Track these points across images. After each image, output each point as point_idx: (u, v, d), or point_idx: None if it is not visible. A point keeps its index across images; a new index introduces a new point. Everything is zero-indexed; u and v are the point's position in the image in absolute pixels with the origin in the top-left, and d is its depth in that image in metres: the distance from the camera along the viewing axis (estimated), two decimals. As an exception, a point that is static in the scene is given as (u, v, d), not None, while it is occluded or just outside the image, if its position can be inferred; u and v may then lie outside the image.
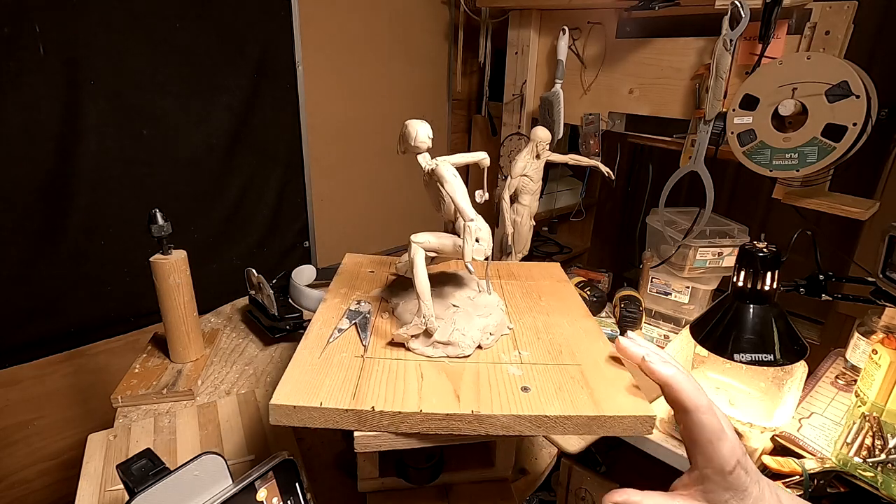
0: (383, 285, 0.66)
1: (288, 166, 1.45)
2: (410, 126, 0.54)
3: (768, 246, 0.81)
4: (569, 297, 0.67)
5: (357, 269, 0.71)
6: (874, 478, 0.76)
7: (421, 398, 0.44)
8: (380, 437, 0.43)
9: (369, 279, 0.68)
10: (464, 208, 0.50)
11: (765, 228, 1.74)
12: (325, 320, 0.56)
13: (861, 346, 1.07)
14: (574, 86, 1.35)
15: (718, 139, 1.08)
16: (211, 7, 1.17)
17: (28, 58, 0.97)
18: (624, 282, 1.40)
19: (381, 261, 0.75)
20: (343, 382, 0.45)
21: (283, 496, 0.43)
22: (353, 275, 0.69)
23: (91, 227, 1.12)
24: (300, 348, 0.50)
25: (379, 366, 0.49)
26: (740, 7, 0.95)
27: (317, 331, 0.54)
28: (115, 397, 0.72)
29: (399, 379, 0.47)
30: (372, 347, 0.51)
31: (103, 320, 1.20)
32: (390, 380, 0.46)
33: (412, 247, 0.52)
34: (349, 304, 0.59)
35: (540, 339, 0.55)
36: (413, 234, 0.53)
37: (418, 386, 0.46)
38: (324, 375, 0.46)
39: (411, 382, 0.46)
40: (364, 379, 0.46)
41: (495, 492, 0.53)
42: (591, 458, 1.33)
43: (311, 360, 0.48)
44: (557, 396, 0.45)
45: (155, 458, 0.42)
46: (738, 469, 0.38)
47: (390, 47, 1.62)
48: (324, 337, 0.53)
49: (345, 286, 0.65)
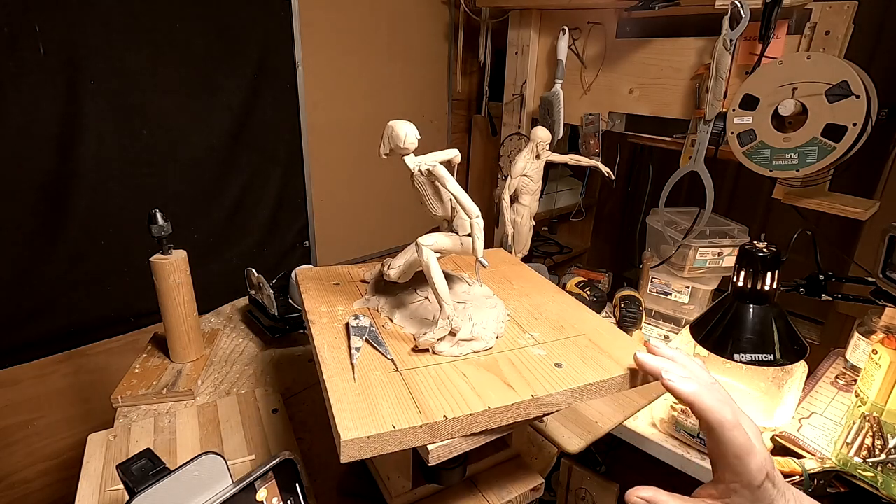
0: (361, 295, 0.62)
1: (288, 166, 1.45)
2: (398, 127, 0.52)
3: (768, 246, 0.81)
4: (533, 277, 0.69)
5: (319, 283, 0.65)
6: (874, 478, 0.76)
7: (480, 396, 0.44)
8: (451, 444, 0.43)
9: (341, 292, 0.64)
10: (469, 205, 0.50)
11: (765, 228, 1.74)
12: (330, 342, 0.52)
13: (861, 346, 1.07)
14: (574, 86, 1.35)
15: (718, 139, 1.08)
16: (211, 7, 1.17)
17: (28, 58, 0.97)
18: (624, 282, 1.40)
19: (336, 272, 0.69)
20: (398, 400, 0.44)
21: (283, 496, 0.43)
22: (321, 290, 0.64)
23: (91, 227, 1.12)
24: (329, 377, 0.46)
25: (419, 375, 0.47)
26: (740, 7, 0.95)
27: (330, 355, 0.50)
28: (115, 397, 0.72)
29: (448, 383, 0.46)
30: (397, 359, 0.50)
31: (103, 320, 1.20)
32: (440, 386, 0.46)
33: (423, 251, 0.51)
34: (344, 320, 0.56)
35: (538, 320, 0.58)
36: (420, 238, 0.52)
37: (469, 385, 0.46)
38: (374, 399, 0.44)
39: (460, 383, 0.46)
40: (416, 392, 0.45)
41: (515, 469, 0.56)
42: (591, 458, 1.33)
43: (349, 388, 0.45)
44: (587, 365, 0.49)
45: (155, 458, 0.42)
46: (766, 483, 0.37)
47: (390, 47, 1.62)
48: (343, 360, 0.49)
49: (321, 303, 0.60)
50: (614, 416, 0.77)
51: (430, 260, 0.50)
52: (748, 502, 0.37)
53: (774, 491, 0.38)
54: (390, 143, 0.53)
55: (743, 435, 0.37)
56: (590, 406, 0.78)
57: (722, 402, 0.38)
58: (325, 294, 0.63)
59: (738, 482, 0.37)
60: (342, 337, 0.53)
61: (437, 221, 0.57)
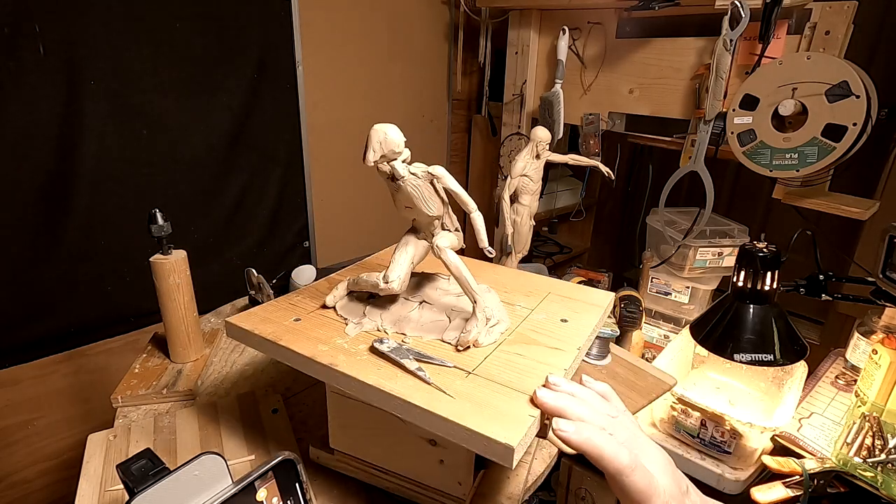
0: (337, 321, 0.57)
1: (288, 166, 1.45)
2: (392, 132, 0.50)
3: (768, 246, 0.81)
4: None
5: (279, 326, 0.56)
6: (874, 478, 0.76)
7: (548, 363, 0.49)
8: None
9: (315, 326, 0.56)
10: (469, 200, 0.54)
11: (765, 228, 1.74)
12: (382, 375, 0.47)
13: (861, 346, 1.07)
14: (574, 86, 1.35)
15: (718, 139, 1.08)
16: (211, 7, 1.17)
17: (28, 58, 0.97)
18: (624, 282, 1.40)
19: (282, 307, 0.60)
20: (504, 395, 0.44)
21: (283, 496, 0.43)
22: (292, 332, 0.54)
23: (91, 227, 1.12)
24: (432, 407, 0.43)
25: (497, 369, 0.49)
26: (740, 7, 0.95)
27: (400, 385, 0.46)
28: (115, 397, 0.72)
29: (516, 363, 0.50)
30: (458, 364, 0.49)
31: (103, 320, 1.20)
32: (514, 368, 0.49)
33: (447, 253, 0.53)
34: (371, 345, 0.51)
35: (508, 292, 0.64)
36: (438, 242, 0.53)
37: (532, 357, 0.50)
38: (495, 405, 0.43)
39: (523, 360, 0.50)
40: (504, 381, 0.46)
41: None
42: (591, 458, 1.33)
43: (459, 405, 0.43)
44: (579, 313, 0.60)
45: (155, 458, 0.42)
46: None
47: (390, 47, 1.62)
48: (413, 386, 0.46)
49: (314, 344, 0.52)
50: (614, 416, 0.77)
51: (457, 260, 0.53)
52: None
53: None
54: (383, 149, 0.50)
55: (643, 478, 0.37)
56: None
57: (617, 447, 0.37)
58: (304, 334, 0.54)
59: None
60: (383, 366, 0.49)
61: (423, 221, 0.55)
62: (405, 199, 0.53)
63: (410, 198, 0.53)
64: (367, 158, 0.51)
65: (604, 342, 0.90)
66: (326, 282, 0.68)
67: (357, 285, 0.59)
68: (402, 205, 0.54)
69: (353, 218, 1.68)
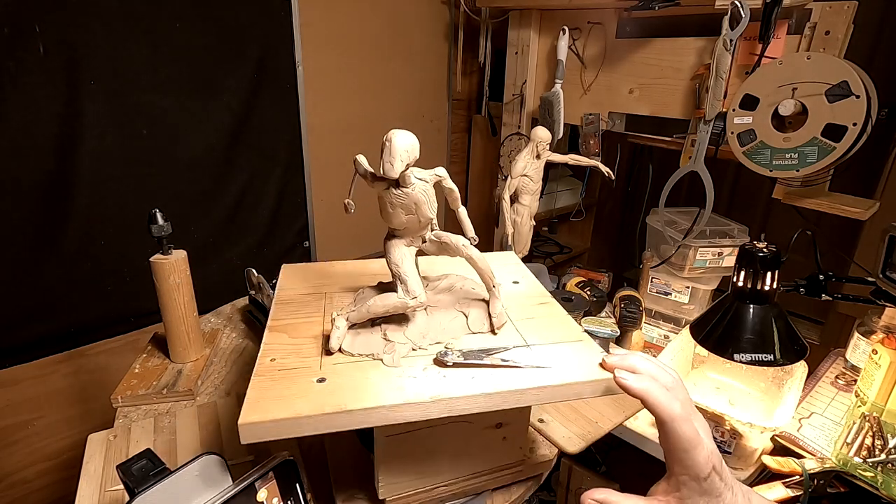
0: (378, 354, 0.50)
1: (288, 166, 1.44)
2: (414, 139, 0.47)
3: (768, 246, 0.81)
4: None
5: (315, 396, 0.44)
6: (874, 478, 0.76)
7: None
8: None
9: (350, 373, 0.47)
10: (459, 197, 0.56)
11: (765, 228, 1.74)
12: (477, 384, 0.46)
13: (861, 346, 1.07)
14: (574, 86, 1.35)
15: (718, 139, 1.08)
16: (211, 7, 1.17)
17: (28, 58, 0.97)
18: (624, 282, 1.40)
19: (274, 377, 0.47)
20: (578, 343, 0.53)
21: (283, 496, 0.43)
22: (340, 392, 0.45)
23: (91, 227, 1.12)
24: (548, 381, 0.46)
25: (538, 333, 0.55)
26: (740, 7, 0.95)
27: (503, 380, 0.46)
28: (115, 397, 0.72)
29: (555, 320, 0.57)
30: (514, 344, 0.53)
31: (103, 320, 1.20)
32: (562, 323, 0.57)
33: (472, 249, 0.54)
34: (435, 360, 0.49)
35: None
36: (461, 240, 0.53)
37: (559, 312, 0.59)
38: (572, 358, 0.50)
39: (560, 313, 0.58)
40: (569, 335, 0.54)
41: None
42: (591, 458, 1.33)
43: (556, 368, 0.48)
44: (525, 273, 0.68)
45: (155, 458, 0.42)
46: (712, 475, 0.38)
47: (390, 47, 1.62)
48: (500, 373, 0.47)
49: (380, 388, 0.45)
50: (614, 416, 0.77)
51: (480, 253, 0.54)
52: (696, 494, 0.39)
53: (721, 484, 0.39)
54: (408, 158, 0.47)
55: (691, 429, 0.39)
56: (590, 406, 0.78)
57: (671, 398, 0.40)
58: (353, 388, 0.45)
59: (686, 474, 0.39)
60: (450, 376, 0.47)
61: (421, 225, 0.53)
62: (408, 207, 0.51)
63: (417, 204, 0.50)
64: (395, 169, 0.46)
65: (604, 342, 0.90)
66: (284, 311, 0.59)
67: (369, 313, 0.51)
68: (401, 212, 0.51)
69: (353, 218, 1.67)
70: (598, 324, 1.10)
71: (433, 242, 0.54)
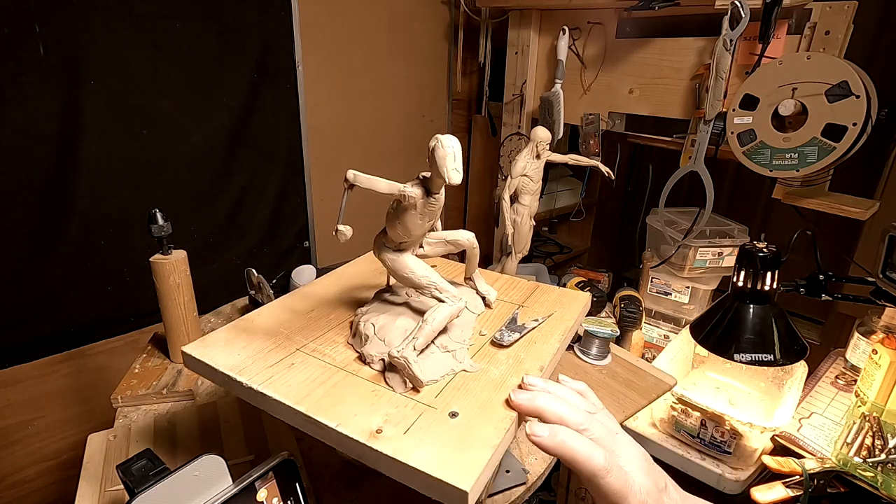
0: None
1: (288, 166, 1.44)
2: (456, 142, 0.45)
3: (768, 246, 0.81)
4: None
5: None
6: (874, 478, 0.76)
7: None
8: None
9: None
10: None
11: (765, 228, 1.74)
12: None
13: (861, 346, 1.07)
14: (574, 86, 1.35)
15: (718, 139, 1.08)
16: (211, 7, 1.17)
17: (28, 58, 0.97)
18: (624, 282, 1.40)
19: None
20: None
21: (283, 496, 0.43)
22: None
23: (91, 227, 1.11)
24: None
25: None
26: (740, 7, 0.95)
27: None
28: (115, 397, 0.72)
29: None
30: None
31: (103, 320, 1.20)
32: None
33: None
34: (492, 340, 0.52)
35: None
36: (469, 233, 0.55)
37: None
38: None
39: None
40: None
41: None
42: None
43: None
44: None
45: (155, 458, 0.42)
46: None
47: (390, 47, 1.62)
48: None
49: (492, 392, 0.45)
50: (614, 416, 0.77)
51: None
52: None
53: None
54: (456, 161, 0.45)
55: (618, 479, 0.36)
56: (590, 406, 0.78)
57: (591, 448, 0.37)
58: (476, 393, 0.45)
59: None
60: (506, 358, 0.50)
61: (426, 231, 0.54)
62: (434, 213, 0.49)
63: (436, 211, 0.49)
64: (459, 176, 0.44)
65: (604, 342, 0.90)
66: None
67: (434, 332, 0.49)
68: (427, 221, 0.49)
69: (353, 218, 1.68)
70: (598, 324, 1.10)
71: (435, 245, 0.54)
